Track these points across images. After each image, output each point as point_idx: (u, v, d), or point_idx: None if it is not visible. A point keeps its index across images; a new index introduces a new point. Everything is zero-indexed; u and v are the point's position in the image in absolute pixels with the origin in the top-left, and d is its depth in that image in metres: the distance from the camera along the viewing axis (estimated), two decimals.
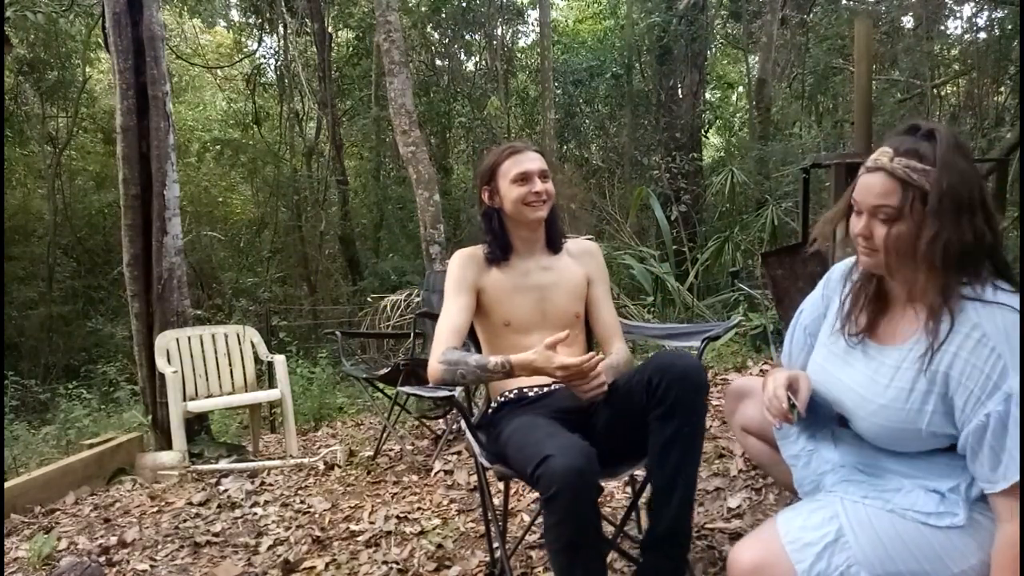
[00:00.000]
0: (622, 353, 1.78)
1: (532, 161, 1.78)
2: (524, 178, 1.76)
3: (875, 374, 1.23)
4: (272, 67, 12.87)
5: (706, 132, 12.40)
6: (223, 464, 3.67)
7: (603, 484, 2.48)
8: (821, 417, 1.38)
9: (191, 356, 3.99)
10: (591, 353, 1.53)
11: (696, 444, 1.49)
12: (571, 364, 1.47)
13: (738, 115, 13.36)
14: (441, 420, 3.88)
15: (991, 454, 1.09)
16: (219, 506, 2.91)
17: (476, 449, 1.67)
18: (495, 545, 1.89)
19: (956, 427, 1.14)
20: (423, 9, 11.48)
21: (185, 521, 2.75)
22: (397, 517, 2.50)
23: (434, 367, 1.61)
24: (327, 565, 2.17)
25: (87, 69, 11.09)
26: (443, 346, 1.65)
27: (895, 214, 1.12)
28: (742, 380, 1.69)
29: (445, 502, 2.61)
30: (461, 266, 1.80)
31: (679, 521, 1.47)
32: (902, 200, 1.11)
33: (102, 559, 2.41)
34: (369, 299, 6.85)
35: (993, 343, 1.08)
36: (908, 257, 1.15)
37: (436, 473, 3.00)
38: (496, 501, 2.01)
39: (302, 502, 2.85)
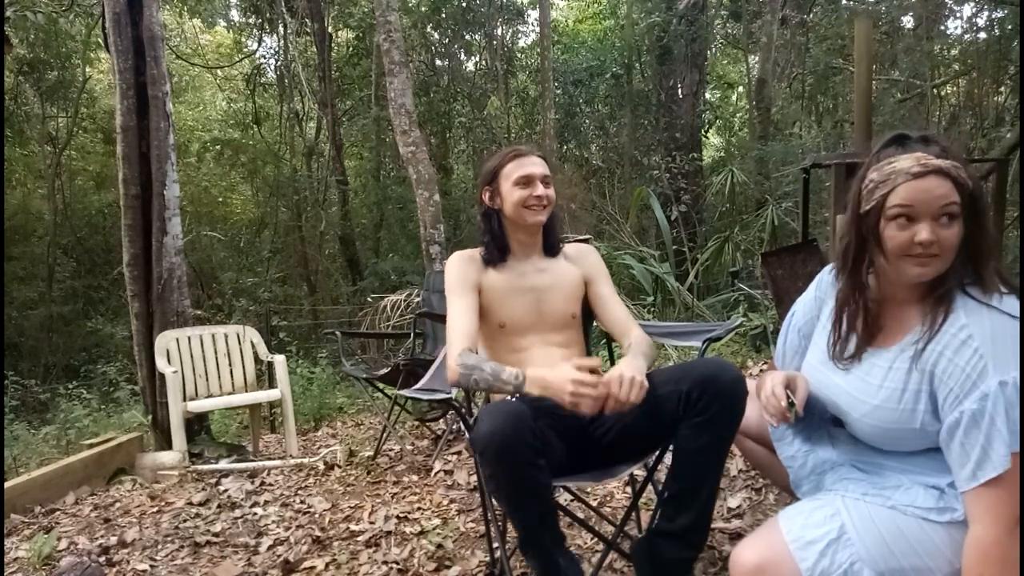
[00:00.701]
0: (641, 340, 1.73)
1: (535, 165, 1.78)
2: (526, 181, 1.76)
3: (867, 375, 1.24)
4: (272, 67, 12.89)
5: (706, 132, 12.40)
6: (223, 464, 3.67)
7: (603, 484, 2.49)
8: (816, 418, 1.38)
9: (191, 356, 3.99)
10: (599, 378, 1.42)
11: (727, 450, 1.49)
12: (585, 381, 1.39)
13: (738, 115, 13.37)
14: (441, 420, 3.88)
15: (961, 452, 1.10)
16: (219, 506, 2.91)
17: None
18: (495, 545, 1.89)
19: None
20: (423, 9, 11.48)
21: (185, 521, 2.75)
22: (397, 517, 2.50)
23: (452, 368, 1.62)
24: (327, 565, 2.17)
25: (87, 69, 11.08)
26: (459, 347, 1.65)
27: (959, 212, 1.12)
28: None
29: (445, 502, 2.61)
30: (461, 267, 1.80)
31: (703, 515, 1.48)
32: (960, 199, 1.12)
33: (102, 559, 2.41)
34: (369, 299, 6.85)
35: (977, 344, 1.10)
36: (953, 257, 1.15)
37: (436, 473, 3.00)
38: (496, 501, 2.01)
39: (302, 502, 2.85)
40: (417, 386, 1.64)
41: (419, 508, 2.60)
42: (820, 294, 1.42)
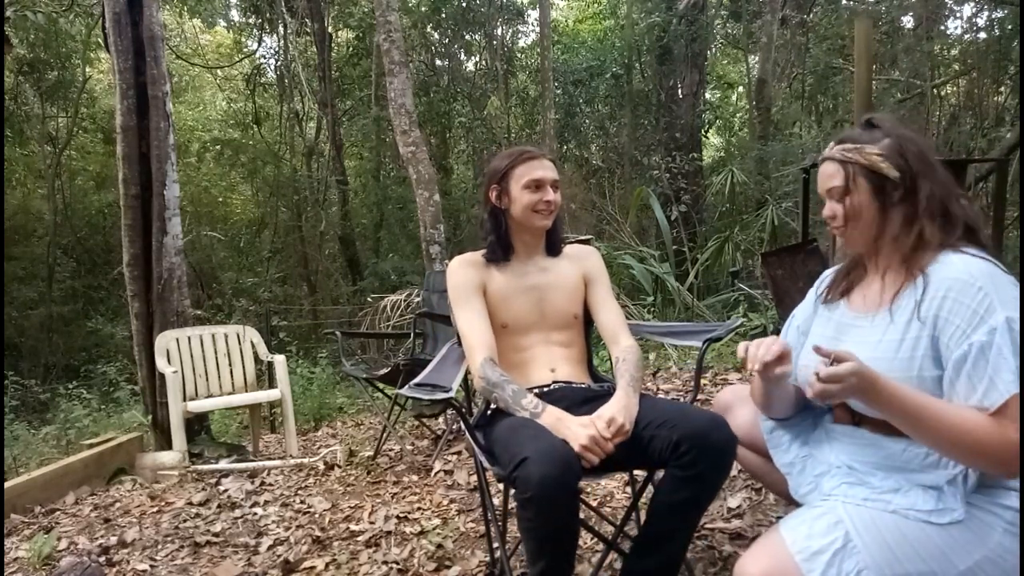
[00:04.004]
0: (630, 360, 1.69)
1: (546, 169, 1.78)
2: (537, 186, 1.76)
3: (865, 335, 1.29)
4: (272, 67, 12.89)
5: (706, 132, 12.39)
6: (223, 464, 3.67)
7: (602, 483, 2.49)
8: (813, 419, 1.38)
9: (191, 356, 3.99)
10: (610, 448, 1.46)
11: (705, 507, 1.48)
12: (599, 443, 1.42)
13: (738, 115, 13.35)
14: (441, 420, 3.88)
15: (967, 385, 1.12)
16: (219, 506, 2.91)
17: (476, 449, 1.67)
18: (495, 545, 1.89)
19: (943, 367, 1.17)
20: (423, 9, 11.48)
21: (185, 521, 2.75)
22: (397, 517, 2.50)
23: (476, 379, 1.66)
24: (327, 565, 2.17)
25: (87, 69, 11.09)
26: (480, 357, 1.66)
27: (843, 190, 1.29)
28: (727, 391, 1.69)
29: (445, 502, 2.61)
30: (464, 272, 1.80)
31: (673, 559, 1.48)
32: (844, 177, 1.29)
33: (102, 559, 2.41)
34: (369, 299, 6.85)
35: (980, 283, 1.15)
36: (871, 223, 1.28)
37: (436, 473, 3.00)
38: (496, 501, 2.01)
39: (302, 502, 2.85)
40: (415, 381, 1.63)
41: (419, 508, 2.60)
42: (819, 292, 1.45)
